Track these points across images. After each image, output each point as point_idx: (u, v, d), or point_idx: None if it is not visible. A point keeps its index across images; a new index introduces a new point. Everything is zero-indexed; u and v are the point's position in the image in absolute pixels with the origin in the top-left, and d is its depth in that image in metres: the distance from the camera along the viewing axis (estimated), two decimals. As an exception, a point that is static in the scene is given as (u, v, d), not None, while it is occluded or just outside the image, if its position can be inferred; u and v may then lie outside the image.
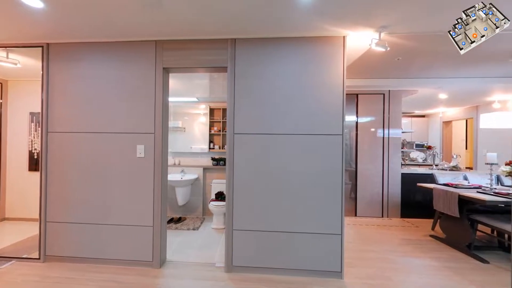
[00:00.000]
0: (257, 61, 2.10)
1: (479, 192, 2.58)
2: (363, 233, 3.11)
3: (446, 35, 2.26)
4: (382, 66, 3.00)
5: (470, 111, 5.31)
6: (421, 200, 3.72)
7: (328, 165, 2.04)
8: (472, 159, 5.23)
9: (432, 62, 2.85)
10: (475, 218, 2.57)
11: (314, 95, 2.07)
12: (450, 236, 2.82)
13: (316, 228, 2.04)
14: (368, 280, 1.99)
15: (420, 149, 5.59)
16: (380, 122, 3.93)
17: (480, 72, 3.22)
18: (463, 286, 1.93)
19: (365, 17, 1.76)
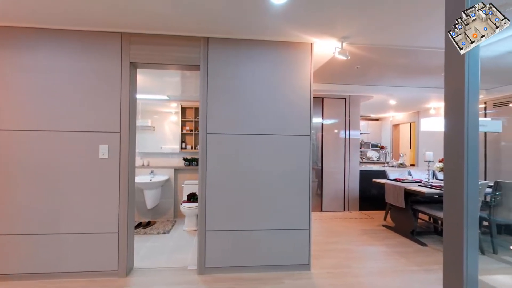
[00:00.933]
0: (230, 61, 2.11)
1: (420, 186, 3.01)
2: (328, 227, 3.37)
3: (396, 48, 2.65)
4: (344, 73, 3.25)
5: (413, 116, 6.10)
6: (376, 194, 4.17)
7: (297, 164, 2.16)
8: (415, 157, 6.03)
9: (385, 72, 3.20)
10: (417, 208, 2.99)
11: (284, 97, 2.16)
12: (398, 225, 3.23)
13: (287, 225, 2.14)
14: (332, 269, 2.17)
15: (375, 149, 6.26)
16: (342, 124, 4.27)
17: (420, 83, 3.73)
18: (408, 267, 2.25)
19: (329, 27, 1.89)
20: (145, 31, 1.99)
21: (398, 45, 2.29)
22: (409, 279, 2.04)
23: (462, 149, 0.66)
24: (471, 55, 0.65)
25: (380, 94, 4.13)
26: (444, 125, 0.72)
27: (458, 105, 0.68)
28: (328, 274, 2.10)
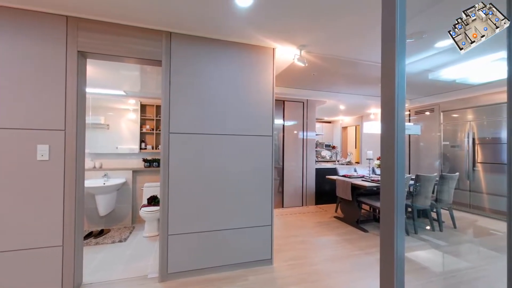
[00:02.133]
0: (195, 59, 2.03)
1: (363, 180, 3.39)
2: (288, 221, 3.52)
3: (344, 59, 2.94)
4: (303, 79, 3.46)
5: (358, 120, 6.84)
6: (329, 189, 4.53)
7: (261, 163, 2.21)
8: (359, 156, 6.76)
9: (335, 80, 3.52)
10: (361, 199, 3.36)
11: (249, 98, 2.19)
12: (346, 215, 3.58)
13: (251, 222, 2.18)
14: (291, 261, 2.29)
15: (328, 149, 6.80)
16: (300, 126, 4.51)
17: (363, 91, 4.21)
18: (353, 251, 2.52)
19: (289, 34, 2.00)
20: (96, 17, 1.76)
21: (346, 57, 2.54)
22: (354, 262, 2.28)
23: (393, 148, 0.77)
24: (399, 71, 0.76)
25: (332, 99, 4.51)
26: (380, 128, 0.83)
27: (390, 112, 0.78)
28: (288, 266, 2.19)
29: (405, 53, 0.76)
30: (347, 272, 2.11)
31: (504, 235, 1.04)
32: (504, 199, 1.04)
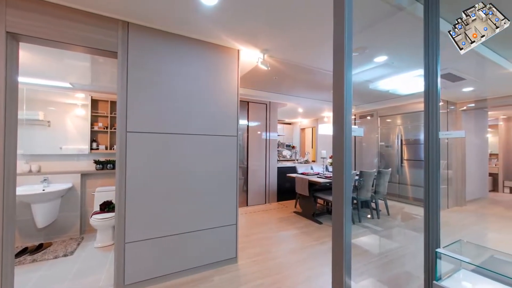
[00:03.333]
0: (157, 54, 1.90)
1: (318, 177, 3.67)
2: (252, 219, 3.57)
3: (303, 66, 3.14)
4: (266, 81, 3.56)
5: (314, 122, 7.36)
6: (289, 186, 4.75)
7: (226, 163, 2.19)
8: (315, 155, 7.27)
9: (295, 85, 3.72)
10: (316, 195, 3.62)
11: (215, 98, 2.16)
12: (304, 210, 3.81)
13: (216, 223, 2.14)
14: (256, 257, 2.33)
15: (288, 148, 7.13)
16: (264, 126, 4.62)
17: (319, 96, 4.56)
18: (309, 242, 2.71)
19: (253, 38, 2.06)
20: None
21: (304, 64, 2.71)
22: (310, 252, 2.45)
23: (343, 148, 0.85)
24: (347, 80, 0.85)
25: (292, 102, 4.75)
26: (332, 130, 0.90)
27: (340, 116, 0.86)
28: (253, 262, 2.22)
29: (352, 65, 0.85)
30: (305, 261, 2.25)
31: (422, 218, 1.25)
32: (422, 189, 1.25)
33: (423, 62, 1.28)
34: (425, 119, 1.28)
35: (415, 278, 1.98)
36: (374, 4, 1.54)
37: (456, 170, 4.29)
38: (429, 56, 1.26)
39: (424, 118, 1.28)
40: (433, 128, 1.24)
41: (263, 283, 1.89)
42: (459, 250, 1.21)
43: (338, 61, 0.86)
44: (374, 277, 2.01)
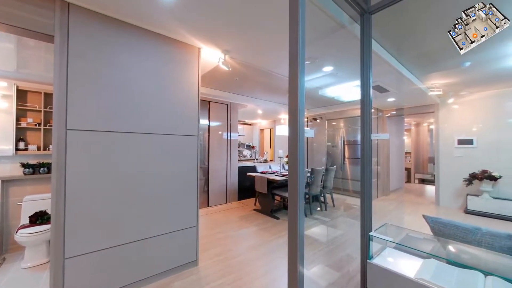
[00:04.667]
0: (110, 44, 1.69)
1: (276, 175, 3.82)
2: (213, 219, 3.47)
3: (262, 70, 3.24)
4: (227, 82, 3.52)
5: (272, 123, 7.66)
6: (249, 185, 4.81)
7: (186, 164, 2.08)
8: (273, 154, 7.56)
9: (254, 87, 3.80)
10: (274, 192, 3.77)
11: (174, 96, 2.03)
12: (263, 207, 3.91)
13: (175, 226, 2.02)
14: (217, 257, 2.27)
15: (248, 148, 7.21)
16: (225, 126, 4.55)
17: (277, 99, 4.76)
18: (268, 238, 2.80)
19: (214, 37, 2.03)
20: None
21: (263, 68, 2.79)
22: (269, 246, 2.53)
23: (297, 148, 0.90)
24: (301, 85, 0.90)
25: (252, 104, 4.82)
26: (288, 131, 0.95)
27: (295, 118, 0.91)
28: (214, 262, 2.16)
29: (305, 72, 0.91)
30: (264, 256, 2.31)
31: (359, 208, 1.43)
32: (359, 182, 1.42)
33: (359, 74, 1.48)
34: (361, 123, 1.47)
35: (354, 259, 2.26)
36: (323, 20, 1.69)
37: (383, 166, 5.10)
38: (364, 70, 1.45)
39: (360, 122, 1.47)
40: (367, 131, 1.44)
41: (224, 282, 1.86)
42: (385, 232, 1.43)
43: (293, 68, 0.90)
44: (323, 263, 2.20)
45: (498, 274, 0.98)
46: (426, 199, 4.86)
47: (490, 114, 3.80)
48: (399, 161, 5.87)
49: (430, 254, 1.20)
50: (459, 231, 1.20)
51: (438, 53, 2.37)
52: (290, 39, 0.92)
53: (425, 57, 2.48)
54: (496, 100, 3.73)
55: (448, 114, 4.28)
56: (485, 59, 2.51)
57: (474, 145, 3.94)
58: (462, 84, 3.45)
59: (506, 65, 2.66)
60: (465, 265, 1.07)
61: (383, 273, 1.16)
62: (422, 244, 1.33)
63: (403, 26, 1.89)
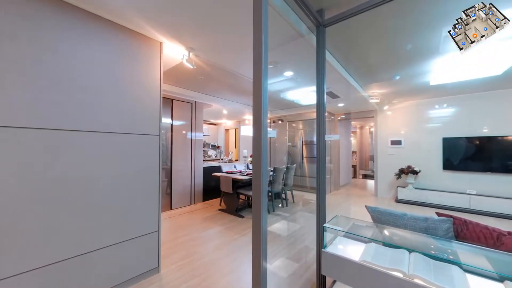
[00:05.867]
0: (51, 28, 1.43)
1: (240, 175, 3.82)
2: (177, 222, 3.26)
3: (228, 70, 3.20)
4: (191, 80, 3.36)
5: (237, 124, 7.65)
6: (215, 185, 4.69)
7: (146, 165, 1.90)
8: (238, 154, 7.55)
9: (220, 87, 3.73)
10: (239, 191, 3.76)
11: (132, 92, 1.84)
12: (228, 207, 3.87)
13: (134, 233, 1.82)
14: (181, 262, 2.14)
15: (213, 148, 7.02)
16: (189, 126, 4.32)
17: (242, 100, 4.77)
18: (233, 236, 2.78)
19: (178, 33, 1.91)
20: None
21: (228, 68, 2.75)
22: (234, 245, 2.52)
23: (260, 148, 0.92)
24: (264, 88, 0.92)
25: (217, 104, 4.71)
26: (252, 131, 0.96)
27: (258, 119, 0.93)
28: (177, 267, 2.04)
29: (268, 75, 0.93)
30: (229, 255, 2.28)
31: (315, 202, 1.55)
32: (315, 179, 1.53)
33: (315, 80, 1.60)
34: (317, 125, 1.59)
35: (311, 250, 2.44)
36: (285, 28, 1.77)
37: (334, 164, 5.65)
38: (319, 77, 1.58)
39: (316, 124, 1.60)
40: (321, 132, 1.57)
41: (189, 286, 1.77)
42: (336, 223, 1.58)
43: (257, 70, 0.92)
44: (284, 256, 2.30)
45: (418, 250, 1.19)
46: (368, 192, 5.59)
47: (413, 120, 4.61)
48: (347, 159, 6.60)
49: (371, 239, 1.38)
50: (392, 217, 1.42)
51: (377, 66, 2.75)
52: (254, 43, 0.93)
53: (367, 69, 2.85)
54: (417, 108, 4.56)
55: (384, 119, 5.02)
56: (410, 75, 3.04)
57: (402, 145, 4.72)
58: (394, 94, 4.10)
59: (424, 81, 3.28)
60: (396, 245, 1.27)
61: (334, 259, 1.28)
62: (365, 231, 1.52)
63: (351, 41, 2.13)
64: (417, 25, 1.82)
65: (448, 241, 1.23)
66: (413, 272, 1.03)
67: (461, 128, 4.04)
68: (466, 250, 1.16)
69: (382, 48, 2.23)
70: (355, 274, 1.18)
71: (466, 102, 4.00)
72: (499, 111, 3.69)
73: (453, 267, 1.05)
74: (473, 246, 1.16)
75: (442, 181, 4.20)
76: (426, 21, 1.76)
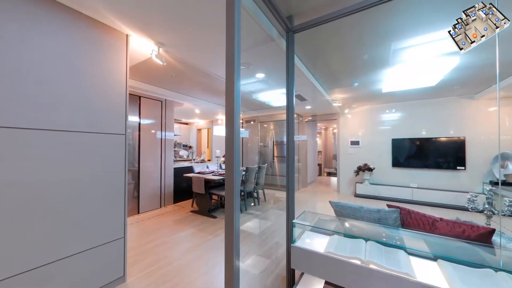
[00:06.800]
0: None
1: (213, 175, 3.73)
2: (145, 227, 3.01)
3: (200, 69, 3.08)
4: (161, 77, 3.15)
5: (210, 124, 7.45)
6: (186, 186, 4.47)
7: (110, 166, 1.72)
8: (211, 154, 7.36)
9: (192, 86, 3.58)
10: (212, 191, 3.67)
11: (94, 86, 1.64)
12: (200, 208, 3.73)
13: (94, 242, 1.63)
14: (149, 268, 1.99)
15: (185, 148, 6.70)
16: (159, 125, 4.04)
17: (214, 100, 4.66)
18: (205, 237, 2.70)
19: (146, 27, 1.78)
20: None
21: (200, 67, 2.66)
22: (206, 246, 2.44)
23: (233, 148, 0.90)
24: (236, 88, 0.91)
25: (189, 103, 4.50)
26: (225, 131, 0.94)
27: (231, 119, 0.91)
28: (146, 274, 1.90)
29: (240, 76, 0.93)
30: (202, 256, 2.21)
31: (285, 199, 1.60)
32: (285, 177, 1.58)
33: (285, 83, 1.65)
34: (286, 126, 1.65)
35: (281, 245, 2.51)
36: (257, 30, 1.79)
37: (302, 162, 5.94)
38: (289, 80, 1.64)
39: (286, 125, 1.65)
40: (291, 133, 1.63)
41: (157, 294, 1.64)
42: (304, 218, 1.66)
43: (230, 71, 0.90)
44: (256, 254, 2.32)
45: (373, 238, 1.33)
46: (332, 188, 6.02)
47: (368, 122, 5.14)
48: (313, 158, 7.01)
49: (334, 231, 1.48)
50: (351, 210, 1.56)
51: (339, 73, 2.99)
52: (227, 43, 0.91)
53: (331, 75, 3.07)
54: (372, 112, 5.09)
55: (345, 121, 5.47)
56: (366, 82, 3.37)
57: (360, 145, 5.22)
58: (353, 99, 4.50)
59: (377, 88, 3.68)
60: (355, 236, 1.39)
61: (302, 253, 1.34)
62: (329, 224, 1.63)
63: (317, 48, 2.26)
64: (372, 38, 2.03)
65: (396, 229, 1.41)
66: (369, 258, 1.14)
67: (406, 130, 4.65)
68: (410, 236, 1.34)
69: (344, 56, 2.43)
70: (320, 265, 1.25)
71: (409, 108, 4.63)
72: (434, 116, 4.37)
73: (399, 252, 1.20)
74: (414, 232, 1.35)
75: (392, 176, 4.78)
76: (379, 36, 1.98)
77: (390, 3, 1.27)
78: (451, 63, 2.59)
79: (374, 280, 1.07)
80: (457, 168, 4.11)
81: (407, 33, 1.91)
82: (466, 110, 4.07)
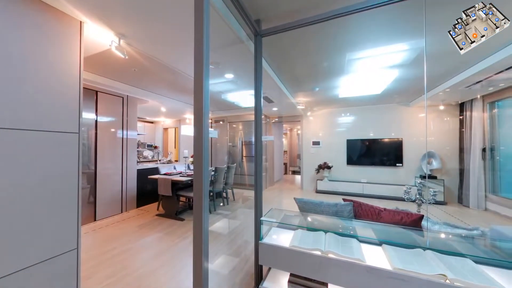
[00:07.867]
0: None
1: (181, 176, 3.53)
2: (103, 235, 2.67)
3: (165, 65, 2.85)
4: (122, 71, 2.84)
5: (177, 123, 7.02)
6: (151, 189, 4.13)
7: (60, 169, 1.47)
8: (178, 154, 6.94)
9: (158, 82, 3.31)
10: (179, 193, 3.47)
11: (40, 78, 1.39)
12: (167, 211, 3.49)
13: (42, 255, 1.37)
14: (108, 280, 1.79)
15: (150, 149, 6.14)
16: (120, 123, 3.61)
17: (181, 98, 4.42)
18: (173, 241, 2.54)
19: (104, 15, 1.60)
20: None
21: (167, 63, 2.48)
22: (174, 250, 2.30)
23: (202, 148, 0.87)
24: (205, 87, 0.88)
25: (154, 100, 4.16)
26: (193, 131, 0.89)
27: (200, 119, 0.87)
28: (104, 287, 1.63)
29: (209, 75, 0.90)
30: (170, 261, 2.07)
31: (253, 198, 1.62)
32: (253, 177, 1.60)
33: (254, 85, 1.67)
34: (255, 126, 1.67)
35: (250, 243, 2.53)
36: (226, 31, 1.76)
37: (269, 162, 6.12)
38: (257, 82, 1.66)
39: (254, 126, 1.67)
40: (258, 133, 1.65)
41: (116, 308, 1.46)
42: (271, 215, 1.71)
43: (198, 69, 0.86)
44: (225, 253, 2.28)
45: (331, 230, 1.45)
46: (296, 186, 6.36)
47: (327, 124, 5.60)
48: (280, 157, 7.28)
49: (298, 226, 1.56)
50: (313, 206, 1.67)
51: (302, 78, 3.17)
52: (195, 41, 0.87)
53: (295, 79, 3.24)
54: (330, 115, 5.57)
55: (307, 123, 5.85)
56: (325, 87, 3.67)
57: (320, 145, 5.65)
58: (315, 102, 4.84)
59: (335, 93, 4.04)
60: (316, 229, 1.50)
61: (269, 248, 1.37)
62: (293, 220, 1.71)
63: (283, 53, 2.35)
64: (331, 48, 2.21)
65: (350, 220, 1.56)
66: (328, 249, 1.24)
67: (358, 132, 5.23)
68: (361, 226, 1.51)
69: (307, 62, 2.59)
70: (286, 259, 1.31)
71: (360, 112, 5.22)
72: (379, 120, 5.02)
73: (353, 240, 1.34)
74: (364, 221, 1.52)
75: (347, 173, 5.31)
76: (336, 46, 2.17)
77: (345, 17, 1.41)
78: (392, 75, 3.02)
79: (332, 267, 1.18)
80: (396, 165, 4.83)
81: (359, 45, 2.15)
82: (403, 116, 4.81)
